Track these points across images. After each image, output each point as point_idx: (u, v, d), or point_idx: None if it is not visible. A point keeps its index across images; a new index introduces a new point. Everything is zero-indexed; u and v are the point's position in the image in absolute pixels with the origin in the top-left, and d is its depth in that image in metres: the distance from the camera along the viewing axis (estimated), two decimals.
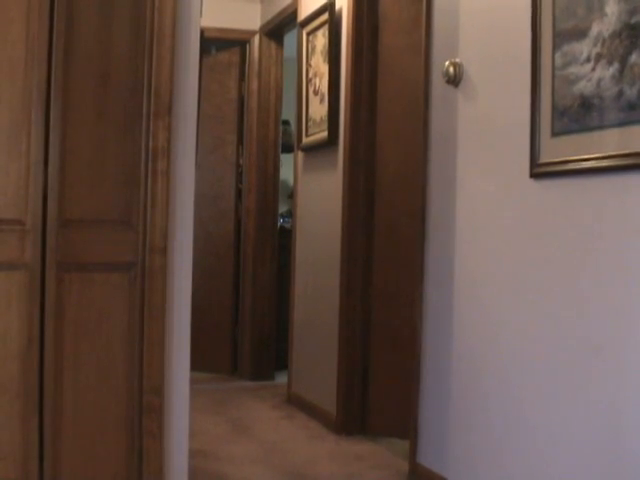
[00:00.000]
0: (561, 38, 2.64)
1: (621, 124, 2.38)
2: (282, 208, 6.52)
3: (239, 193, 5.83)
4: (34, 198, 2.64)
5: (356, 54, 4.24)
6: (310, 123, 4.78)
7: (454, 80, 3.27)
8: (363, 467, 3.70)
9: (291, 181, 5.71)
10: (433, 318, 3.43)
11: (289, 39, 5.65)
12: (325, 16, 4.49)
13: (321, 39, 4.60)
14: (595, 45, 2.48)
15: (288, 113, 6.19)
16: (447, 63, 3.28)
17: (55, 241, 2.67)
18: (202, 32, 3.04)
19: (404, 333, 3.86)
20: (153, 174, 2.80)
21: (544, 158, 2.72)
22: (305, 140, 4.86)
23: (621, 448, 2.39)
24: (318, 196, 4.73)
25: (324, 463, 3.76)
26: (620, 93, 2.38)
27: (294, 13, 5.08)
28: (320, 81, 4.62)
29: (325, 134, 4.49)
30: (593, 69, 2.49)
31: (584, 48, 2.53)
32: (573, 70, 2.58)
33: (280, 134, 5.84)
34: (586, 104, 2.52)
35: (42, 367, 2.64)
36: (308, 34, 4.81)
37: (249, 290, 5.68)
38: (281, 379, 5.38)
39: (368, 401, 4.24)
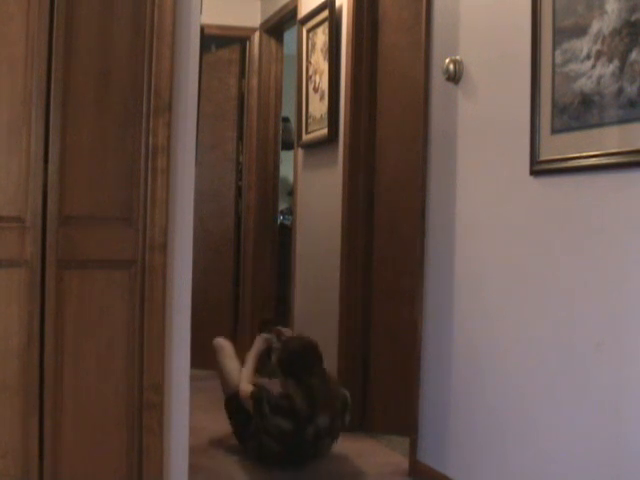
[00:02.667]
0: (561, 35, 2.63)
1: (621, 121, 2.38)
2: (282, 205, 6.52)
3: (239, 190, 5.83)
4: (34, 195, 2.63)
5: (356, 51, 4.24)
6: (310, 120, 4.78)
7: (454, 77, 3.27)
8: (363, 464, 3.70)
9: (291, 178, 5.71)
10: (433, 315, 3.43)
11: (289, 36, 5.65)
12: (325, 13, 4.49)
13: (321, 36, 4.59)
14: (595, 42, 2.48)
15: (288, 110, 6.19)
16: (447, 60, 3.28)
17: (55, 238, 2.66)
18: (202, 29, 3.04)
19: (404, 330, 3.86)
20: (153, 171, 2.79)
21: (544, 155, 2.72)
22: (305, 137, 4.86)
23: (622, 443, 2.39)
24: (318, 193, 4.73)
25: (324, 460, 3.76)
26: (620, 90, 2.38)
27: (294, 10, 5.08)
28: (320, 78, 4.62)
29: (325, 131, 4.49)
30: (593, 66, 2.49)
31: (584, 45, 2.53)
32: (573, 67, 2.58)
33: (280, 131, 5.84)
34: (586, 101, 2.52)
35: (42, 364, 2.64)
36: (308, 31, 4.81)
37: (249, 287, 5.68)
38: None
39: (368, 398, 4.25)
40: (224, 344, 4.13)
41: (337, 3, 4.42)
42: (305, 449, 3.59)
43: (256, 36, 5.73)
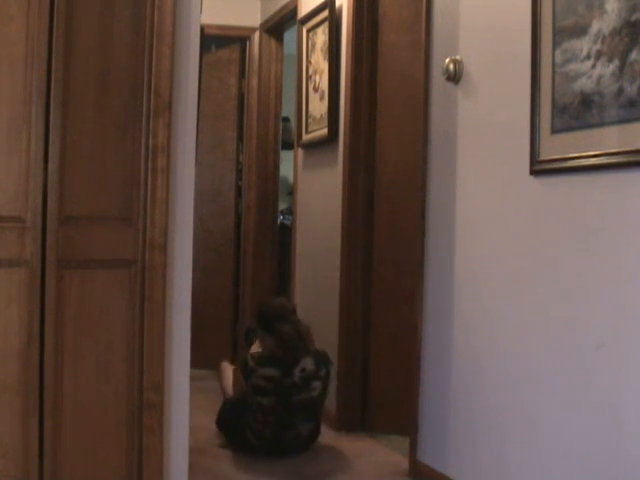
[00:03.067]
0: (561, 35, 2.63)
1: (621, 121, 2.38)
2: (282, 205, 6.52)
3: (239, 190, 5.83)
4: (34, 195, 2.63)
5: (356, 51, 4.23)
6: (310, 120, 4.78)
7: (454, 77, 3.27)
8: (363, 464, 3.70)
9: (291, 178, 5.71)
10: (433, 315, 3.43)
11: (289, 36, 5.65)
12: (325, 13, 4.48)
13: (321, 36, 4.59)
14: (595, 42, 2.48)
15: (288, 110, 6.19)
16: (447, 60, 3.28)
17: (55, 238, 2.66)
18: (202, 29, 3.04)
19: (404, 330, 3.86)
20: (153, 171, 2.80)
21: (544, 155, 2.72)
22: (305, 137, 4.86)
23: (622, 444, 2.39)
24: (318, 193, 4.73)
25: (324, 460, 3.76)
26: (620, 90, 2.38)
27: (294, 10, 5.08)
28: (320, 78, 4.62)
29: (325, 131, 4.49)
30: (593, 66, 2.49)
31: (584, 45, 2.53)
32: (573, 67, 2.58)
33: (280, 131, 5.84)
34: (586, 101, 2.52)
35: (42, 364, 2.64)
36: (308, 31, 4.81)
37: (249, 287, 5.68)
38: None
39: (368, 398, 4.25)
40: (228, 365, 4.48)
41: (337, 3, 4.42)
42: (295, 393, 3.75)
43: (256, 36, 5.73)
